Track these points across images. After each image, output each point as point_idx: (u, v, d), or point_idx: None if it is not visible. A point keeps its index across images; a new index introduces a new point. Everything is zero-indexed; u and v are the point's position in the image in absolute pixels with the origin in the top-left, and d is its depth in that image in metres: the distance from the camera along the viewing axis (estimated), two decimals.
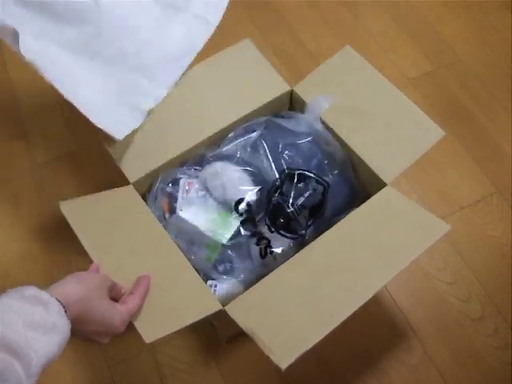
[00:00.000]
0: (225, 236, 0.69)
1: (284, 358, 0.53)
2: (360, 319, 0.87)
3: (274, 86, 0.78)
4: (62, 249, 0.92)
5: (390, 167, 0.70)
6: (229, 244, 0.69)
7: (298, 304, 0.58)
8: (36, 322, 0.41)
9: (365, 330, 0.85)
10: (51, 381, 0.50)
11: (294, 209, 0.69)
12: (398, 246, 0.63)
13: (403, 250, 0.62)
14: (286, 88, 0.78)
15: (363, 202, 0.68)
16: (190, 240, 0.69)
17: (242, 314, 0.57)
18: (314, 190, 0.70)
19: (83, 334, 0.50)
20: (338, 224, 0.65)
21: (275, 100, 0.78)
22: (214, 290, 0.68)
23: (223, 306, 0.59)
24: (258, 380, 0.81)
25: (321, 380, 0.81)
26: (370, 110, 0.74)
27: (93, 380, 0.80)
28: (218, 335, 0.82)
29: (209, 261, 0.69)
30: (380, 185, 0.69)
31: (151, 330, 0.56)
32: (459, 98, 1.13)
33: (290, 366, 0.53)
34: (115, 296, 0.56)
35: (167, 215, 0.71)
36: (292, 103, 0.81)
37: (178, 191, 0.71)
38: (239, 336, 0.81)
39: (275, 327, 0.56)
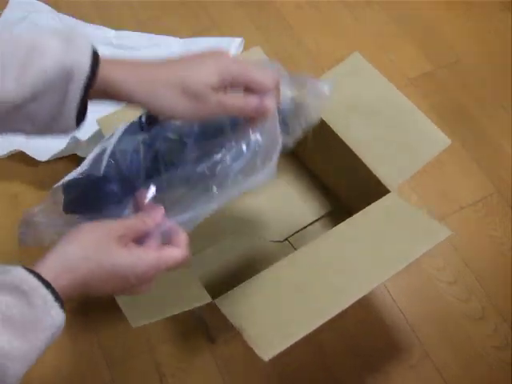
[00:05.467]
0: None
1: (268, 351, 0.53)
2: (360, 319, 0.87)
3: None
4: None
5: (394, 174, 0.70)
6: None
7: (288, 300, 0.59)
8: (15, 319, 0.34)
9: (365, 330, 0.85)
10: (50, 381, 0.50)
11: None
12: (396, 247, 0.63)
13: (402, 251, 0.62)
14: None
15: None
16: None
17: (232, 307, 0.57)
18: None
19: (104, 293, 0.42)
20: (337, 226, 0.65)
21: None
22: None
23: (213, 298, 0.59)
24: (257, 380, 0.81)
25: (321, 380, 0.81)
26: (377, 117, 0.73)
27: (92, 380, 0.80)
28: (210, 334, 0.82)
29: None
30: (383, 191, 0.69)
31: (138, 315, 0.55)
32: (459, 97, 1.13)
33: (290, 366, 0.53)
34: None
35: None
36: None
37: None
38: (236, 336, 0.81)
39: (263, 322, 0.57)
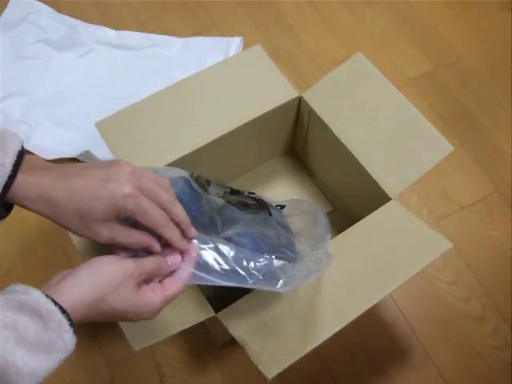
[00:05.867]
0: None
1: (271, 368, 0.53)
2: (360, 319, 0.87)
3: (282, 92, 0.76)
4: (62, 248, 0.92)
5: (396, 181, 0.69)
6: None
7: (290, 315, 0.58)
8: (30, 339, 0.36)
9: (365, 330, 0.85)
10: (50, 381, 0.50)
11: None
12: (396, 261, 0.62)
13: (401, 265, 0.61)
14: (294, 94, 0.76)
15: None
16: None
17: (235, 321, 0.57)
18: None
19: (106, 321, 0.44)
20: (337, 237, 0.64)
21: (282, 106, 0.76)
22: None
23: (216, 312, 0.58)
24: (257, 380, 0.81)
25: (321, 380, 0.81)
26: (380, 121, 0.73)
27: (93, 380, 0.80)
28: (210, 335, 0.82)
29: None
30: (384, 198, 0.68)
31: (140, 337, 0.54)
32: (459, 97, 1.13)
33: (290, 366, 0.53)
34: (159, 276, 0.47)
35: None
36: (299, 110, 0.80)
37: None
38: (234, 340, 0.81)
39: (266, 337, 0.56)
